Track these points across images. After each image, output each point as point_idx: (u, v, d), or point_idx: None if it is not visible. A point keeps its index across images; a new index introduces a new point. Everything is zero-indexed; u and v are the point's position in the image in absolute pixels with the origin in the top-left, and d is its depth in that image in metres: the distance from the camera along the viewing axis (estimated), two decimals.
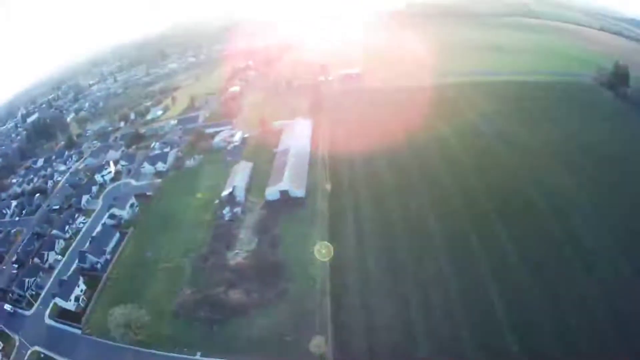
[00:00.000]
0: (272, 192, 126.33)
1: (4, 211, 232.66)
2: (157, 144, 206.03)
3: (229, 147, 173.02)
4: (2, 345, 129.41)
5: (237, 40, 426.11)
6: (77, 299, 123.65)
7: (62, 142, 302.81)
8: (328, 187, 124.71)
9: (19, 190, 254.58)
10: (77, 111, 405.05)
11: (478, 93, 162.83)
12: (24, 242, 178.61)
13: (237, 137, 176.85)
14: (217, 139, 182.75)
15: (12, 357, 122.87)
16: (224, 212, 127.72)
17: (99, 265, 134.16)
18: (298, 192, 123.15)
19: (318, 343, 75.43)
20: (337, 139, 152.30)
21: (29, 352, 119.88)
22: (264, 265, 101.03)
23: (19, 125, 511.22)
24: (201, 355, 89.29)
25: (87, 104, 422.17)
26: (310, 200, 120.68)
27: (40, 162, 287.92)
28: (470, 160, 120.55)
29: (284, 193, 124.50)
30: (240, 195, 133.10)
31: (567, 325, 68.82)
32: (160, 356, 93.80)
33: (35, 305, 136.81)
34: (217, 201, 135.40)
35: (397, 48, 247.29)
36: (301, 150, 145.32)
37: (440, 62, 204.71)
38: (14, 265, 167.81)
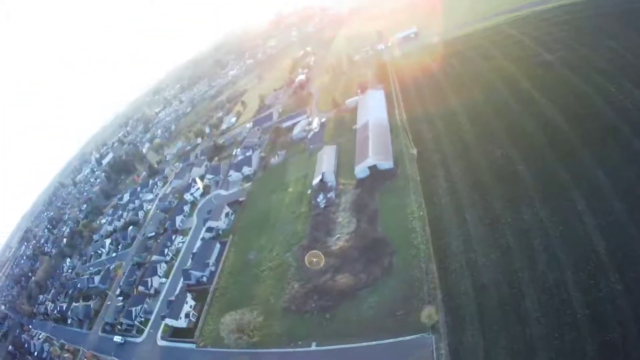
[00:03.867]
0: (361, 170, 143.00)
1: (99, 251, 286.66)
2: (239, 150, 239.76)
3: (309, 136, 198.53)
4: None
5: (290, 31, 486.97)
6: (187, 315, 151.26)
7: (144, 173, 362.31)
8: (414, 152, 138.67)
9: (110, 228, 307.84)
10: (150, 140, 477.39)
11: (532, 24, 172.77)
12: (125, 274, 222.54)
13: (315, 124, 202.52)
14: (295, 130, 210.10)
15: None
16: (319, 200, 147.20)
17: (204, 279, 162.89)
18: (386, 164, 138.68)
19: (428, 313, 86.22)
20: (411, 102, 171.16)
21: None
22: (365, 243, 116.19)
23: (95, 169, 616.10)
24: (316, 346, 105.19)
25: (159, 131, 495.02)
26: (400, 169, 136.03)
27: (127, 197, 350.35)
28: (542, 95, 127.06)
29: (372, 168, 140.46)
30: (330, 180, 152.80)
31: None
32: (276, 354, 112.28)
33: (146, 330, 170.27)
34: (309, 191, 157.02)
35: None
36: (379, 121, 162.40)
37: (488, 2, 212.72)
38: (119, 298, 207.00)
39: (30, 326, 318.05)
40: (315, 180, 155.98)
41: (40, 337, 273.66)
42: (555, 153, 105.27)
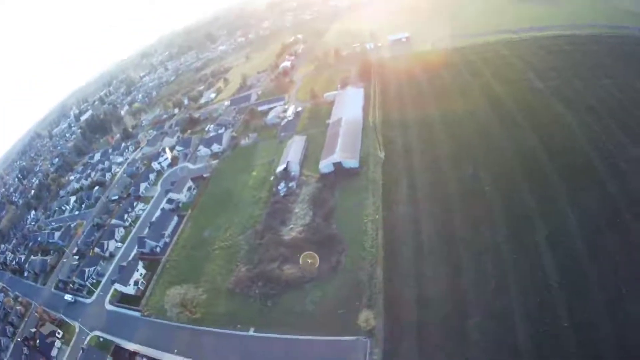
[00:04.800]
0: (325, 165, 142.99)
1: (63, 207, 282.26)
2: (212, 126, 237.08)
3: (282, 123, 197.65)
4: (61, 333, 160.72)
5: (285, 16, 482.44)
6: (136, 283, 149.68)
7: (118, 135, 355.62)
8: (382, 155, 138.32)
9: (77, 185, 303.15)
10: (130, 103, 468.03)
11: (530, 49, 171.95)
12: (84, 233, 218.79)
13: (290, 111, 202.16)
14: (270, 115, 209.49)
15: (71, 343, 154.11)
16: (279, 187, 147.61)
17: (158, 249, 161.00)
18: (351, 162, 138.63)
19: (367, 317, 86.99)
20: (389, 105, 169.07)
21: (88, 337, 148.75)
22: (318, 238, 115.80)
23: (72, 124, 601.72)
24: (254, 331, 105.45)
25: (140, 96, 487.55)
26: (365, 170, 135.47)
27: (97, 156, 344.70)
28: (525, 120, 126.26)
29: (337, 165, 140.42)
30: (294, 169, 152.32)
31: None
32: (215, 333, 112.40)
33: (96, 292, 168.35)
34: (272, 177, 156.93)
35: (446, 7, 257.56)
36: (353, 119, 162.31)
37: (489, 19, 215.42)
38: (75, 257, 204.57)
39: None
40: (280, 168, 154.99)
41: None
42: (527, 181, 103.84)
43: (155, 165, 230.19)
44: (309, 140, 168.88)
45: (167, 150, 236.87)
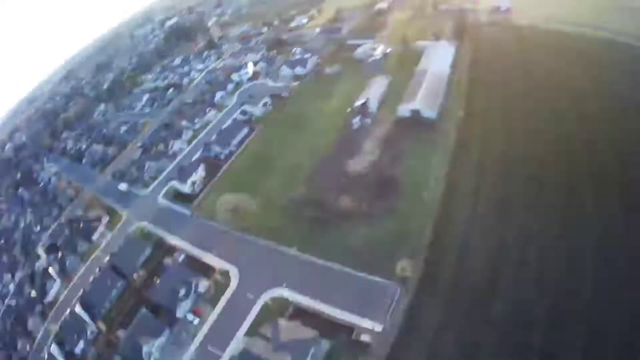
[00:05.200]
0: (403, 109, 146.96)
1: (135, 104, 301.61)
2: (299, 50, 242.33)
3: (369, 60, 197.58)
4: (107, 219, 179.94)
5: None
6: (193, 183, 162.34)
7: (202, 44, 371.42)
8: (461, 113, 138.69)
9: (152, 85, 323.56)
10: (219, 16, 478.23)
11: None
12: (152, 130, 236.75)
13: (379, 51, 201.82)
14: (358, 50, 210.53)
15: (115, 229, 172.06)
16: (354, 121, 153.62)
17: (222, 156, 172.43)
18: (429, 112, 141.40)
19: (403, 266, 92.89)
20: (478, 70, 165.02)
21: (134, 226, 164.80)
22: (380, 177, 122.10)
23: (156, 29, 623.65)
24: (296, 251, 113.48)
25: (230, 10, 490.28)
26: (441, 123, 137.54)
27: (178, 60, 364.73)
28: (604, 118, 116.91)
29: (415, 112, 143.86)
30: (373, 107, 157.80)
31: None
32: (258, 244, 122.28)
33: (152, 186, 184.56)
34: (349, 109, 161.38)
35: None
36: (440, 72, 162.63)
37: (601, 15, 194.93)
38: (138, 150, 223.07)
39: (45, 159, 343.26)
40: (359, 102, 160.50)
41: (51, 170, 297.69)
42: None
43: (235, 76, 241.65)
44: (393, 82, 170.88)
45: (250, 64, 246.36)
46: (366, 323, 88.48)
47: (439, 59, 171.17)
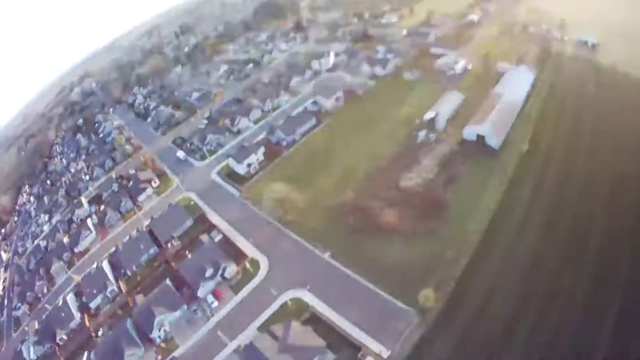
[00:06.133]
0: (470, 132, 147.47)
1: (212, 73, 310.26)
2: (383, 48, 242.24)
3: (448, 73, 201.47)
4: (157, 183, 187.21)
5: None
6: (249, 165, 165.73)
7: (290, 24, 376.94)
8: (525, 147, 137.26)
9: (233, 57, 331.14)
10: None
11: None
12: (223, 103, 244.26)
13: (460, 65, 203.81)
14: (440, 61, 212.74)
15: (163, 195, 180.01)
16: (420, 134, 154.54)
17: (284, 143, 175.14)
18: (494, 140, 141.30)
19: (427, 295, 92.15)
20: (553, 102, 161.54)
21: (181, 196, 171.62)
22: (429, 198, 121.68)
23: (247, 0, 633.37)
24: (329, 257, 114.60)
25: None
26: (503, 155, 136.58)
27: (263, 37, 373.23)
28: None
29: (480, 137, 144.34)
30: (441, 123, 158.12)
31: None
32: (294, 240, 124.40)
33: (209, 159, 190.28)
34: (417, 121, 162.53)
35: None
36: (515, 99, 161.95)
37: None
38: (204, 121, 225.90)
39: (111, 110, 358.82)
40: (427, 116, 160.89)
41: (114, 123, 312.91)
42: None
43: (315, 64, 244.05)
44: (466, 100, 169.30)
45: (332, 54, 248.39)
46: (375, 345, 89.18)
47: (516, 85, 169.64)
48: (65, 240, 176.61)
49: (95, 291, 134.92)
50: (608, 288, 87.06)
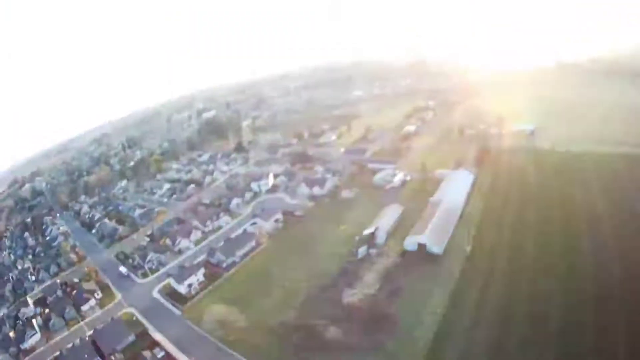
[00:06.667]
0: (410, 243, 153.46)
1: (155, 190, 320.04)
2: (321, 169, 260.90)
3: (387, 187, 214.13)
4: (100, 295, 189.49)
5: (424, 79, 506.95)
6: (190, 285, 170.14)
7: (232, 145, 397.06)
8: (468, 249, 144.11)
9: (176, 176, 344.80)
10: (254, 118, 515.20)
11: None
12: (164, 222, 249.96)
13: (398, 178, 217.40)
14: (377, 176, 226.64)
15: (105, 308, 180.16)
16: (360, 250, 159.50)
17: (224, 265, 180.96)
18: (436, 248, 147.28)
19: None
20: (494, 199, 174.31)
21: (123, 310, 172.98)
22: (375, 312, 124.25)
23: (193, 117, 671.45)
24: None
25: (266, 114, 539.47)
26: (447, 259, 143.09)
27: (205, 157, 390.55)
28: (618, 240, 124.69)
29: (422, 246, 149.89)
30: (381, 237, 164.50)
31: None
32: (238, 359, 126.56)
33: (150, 277, 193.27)
34: (357, 237, 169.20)
35: (579, 106, 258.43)
36: (454, 204, 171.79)
37: (615, 126, 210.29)
38: (146, 238, 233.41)
39: (59, 215, 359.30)
40: (367, 231, 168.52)
41: (60, 228, 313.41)
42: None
43: (254, 186, 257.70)
44: (406, 212, 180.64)
45: (271, 176, 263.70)
46: None
47: (455, 189, 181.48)
48: (12, 334, 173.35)
49: None
50: None
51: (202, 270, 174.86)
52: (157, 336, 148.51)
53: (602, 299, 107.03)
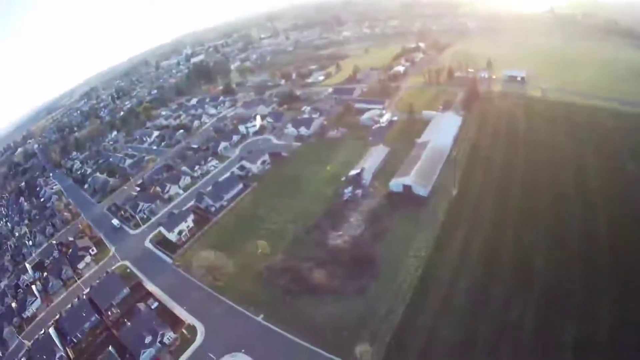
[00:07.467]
0: (396, 184, 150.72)
1: (145, 138, 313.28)
2: (308, 108, 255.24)
3: (374, 127, 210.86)
4: (95, 251, 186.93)
5: (414, 20, 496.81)
6: (180, 232, 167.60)
7: (220, 88, 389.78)
8: (454, 192, 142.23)
9: (164, 122, 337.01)
10: (242, 60, 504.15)
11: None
12: (153, 170, 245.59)
13: (385, 118, 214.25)
14: (365, 116, 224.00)
15: (100, 263, 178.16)
16: (345, 191, 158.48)
17: (213, 209, 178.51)
18: (422, 190, 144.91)
19: (363, 350, 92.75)
20: (482, 142, 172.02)
21: (118, 264, 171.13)
22: (359, 255, 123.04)
23: (181, 63, 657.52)
24: (262, 318, 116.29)
25: (254, 56, 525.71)
26: (432, 202, 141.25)
27: (194, 101, 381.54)
28: (605, 196, 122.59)
29: (407, 188, 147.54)
30: (366, 178, 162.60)
31: None
32: (227, 305, 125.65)
33: (142, 227, 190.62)
34: (343, 178, 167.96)
35: (573, 58, 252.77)
36: (441, 146, 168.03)
37: (604, 82, 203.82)
38: (137, 188, 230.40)
39: (51, 174, 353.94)
40: (352, 172, 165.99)
41: (54, 188, 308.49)
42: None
43: (242, 128, 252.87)
44: (392, 153, 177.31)
45: (259, 118, 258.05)
46: None
47: (442, 131, 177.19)
48: (14, 305, 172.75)
49: (45, 357, 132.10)
50: (558, 318, 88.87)
51: (191, 217, 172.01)
52: (150, 287, 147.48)
53: (587, 247, 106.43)
